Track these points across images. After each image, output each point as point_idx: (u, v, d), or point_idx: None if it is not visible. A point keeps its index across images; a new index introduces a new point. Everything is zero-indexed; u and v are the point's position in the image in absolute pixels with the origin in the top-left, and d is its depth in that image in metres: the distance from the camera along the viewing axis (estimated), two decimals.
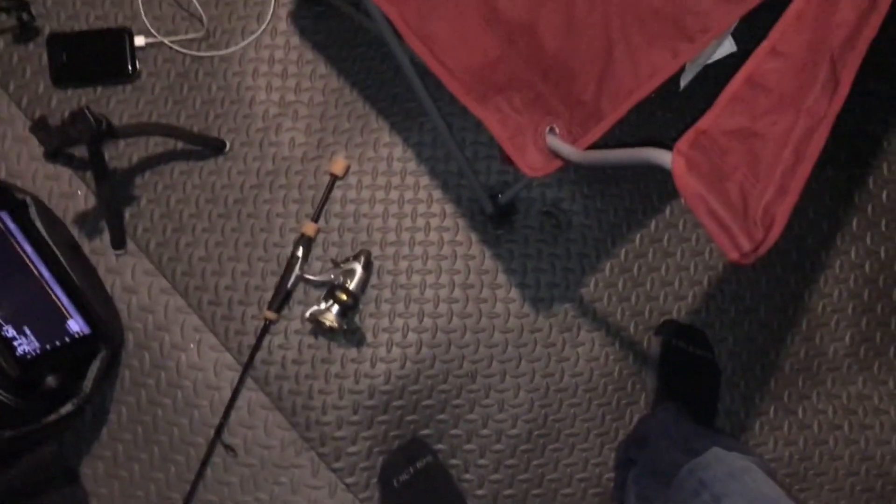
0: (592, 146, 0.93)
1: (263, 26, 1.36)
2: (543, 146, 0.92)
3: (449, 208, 1.34)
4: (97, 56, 1.34)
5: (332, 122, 1.36)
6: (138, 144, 1.34)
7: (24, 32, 1.35)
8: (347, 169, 1.34)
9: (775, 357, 1.36)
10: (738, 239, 0.71)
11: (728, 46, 0.97)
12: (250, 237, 1.32)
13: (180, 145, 1.33)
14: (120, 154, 1.33)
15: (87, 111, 1.11)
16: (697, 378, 1.33)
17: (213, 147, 1.33)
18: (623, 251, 1.36)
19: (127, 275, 1.31)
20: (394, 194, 1.35)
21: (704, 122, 0.75)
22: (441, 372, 1.31)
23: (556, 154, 0.92)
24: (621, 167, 1.35)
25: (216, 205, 1.33)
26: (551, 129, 0.93)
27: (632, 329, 1.35)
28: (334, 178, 1.34)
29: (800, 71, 0.76)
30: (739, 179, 0.74)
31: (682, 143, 0.73)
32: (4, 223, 1.21)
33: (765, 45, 0.77)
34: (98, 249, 1.31)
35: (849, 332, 1.37)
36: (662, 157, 0.73)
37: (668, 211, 1.37)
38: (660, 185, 1.37)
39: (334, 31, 1.37)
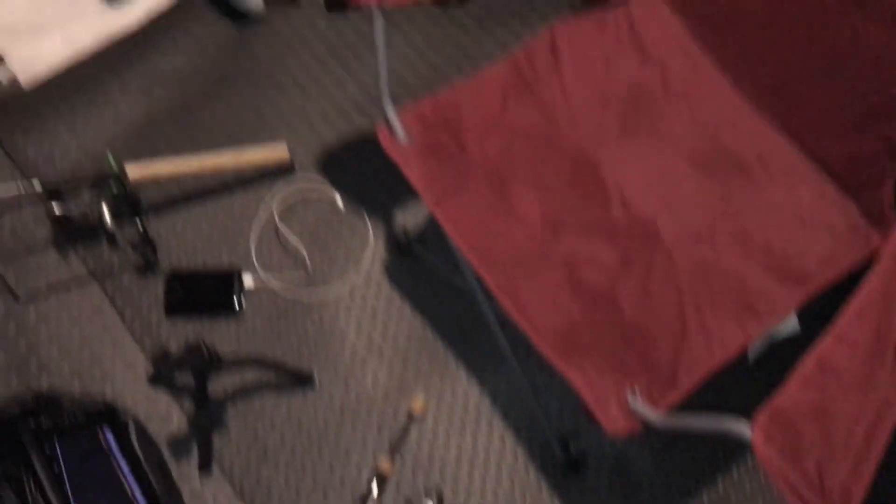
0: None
1: (360, 274, 1.51)
2: (626, 407, 0.99)
3: (521, 453, 1.40)
4: (209, 293, 1.49)
5: (414, 365, 1.46)
6: (233, 373, 1.44)
7: (147, 268, 1.52)
8: (425, 409, 1.42)
9: None
10: None
11: (793, 326, 1.06)
12: (328, 472, 1.38)
13: (273, 377, 1.44)
14: (216, 381, 1.43)
15: (203, 344, 1.23)
16: None
17: (302, 381, 1.43)
18: None
19: (209, 501, 1.36)
20: (468, 436, 1.41)
21: (779, 400, 0.82)
22: None
23: (637, 415, 0.99)
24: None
25: (299, 437, 1.40)
26: (632, 391, 1.01)
27: None
28: (412, 417, 1.41)
29: (866, 358, 0.84)
30: (815, 455, 0.80)
31: (762, 418, 0.80)
32: (108, 442, 1.29)
33: (832, 332, 0.86)
34: (184, 473, 1.38)
35: None
36: (742, 429, 0.80)
37: (734, 472, 1.40)
38: (725, 445, 1.41)
39: (423, 282, 1.51)
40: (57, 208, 1.40)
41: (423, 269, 1.52)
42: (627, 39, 1.26)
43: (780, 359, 0.97)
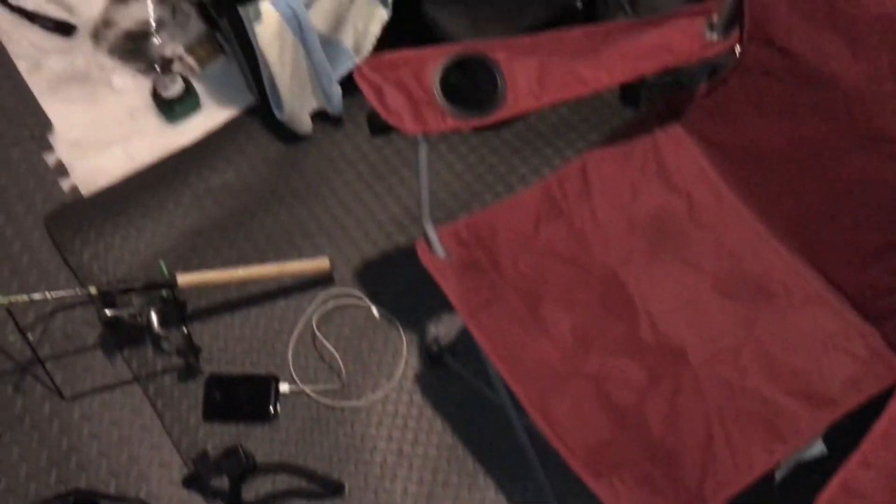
0: None
1: (392, 384, 1.55)
2: None
3: None
4: (246, 398, 1.54)
5: (443, 476, 1.47)
6: (265, 478, 1.47)
7: (189, 372, 1.57)
8: None
9: None
10: None
11: (819, 449, 1.08)
12: None
13: (303, 483, 1.46)
14: (249, 485, 1.46)
15: (240, 449, 1.27)
16: None
17: (332, 489, 1.45)
18: None
19: None
20: None
21: None
22: None
23: None
24: None
25: None
26: None
27: None
28: None
29: (891, 483, 0.86)
30: None
31: None
32: None
33: (857, 456, 0.88)
34: None
35: None
36: None
37: None
38: None
39: (454, 394, 1.54)
40: (109, 312, 1.48)
41: (454, 380, 1.56)
42: (653, 169, 1.34)
43: (806, 479, 0.99)
